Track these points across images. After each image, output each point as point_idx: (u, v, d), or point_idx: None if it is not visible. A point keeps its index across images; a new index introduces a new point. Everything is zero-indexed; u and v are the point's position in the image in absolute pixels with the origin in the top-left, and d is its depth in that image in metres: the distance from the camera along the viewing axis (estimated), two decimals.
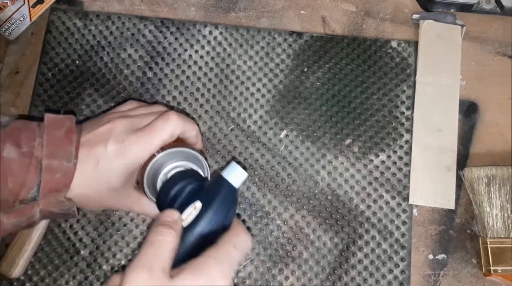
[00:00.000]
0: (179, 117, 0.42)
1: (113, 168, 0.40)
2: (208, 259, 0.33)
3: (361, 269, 0.48)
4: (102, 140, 0.40)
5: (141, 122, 0.42)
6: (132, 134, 0.40)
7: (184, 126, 0.42)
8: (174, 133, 0.41)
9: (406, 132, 0.51)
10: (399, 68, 0.53)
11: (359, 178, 0.50)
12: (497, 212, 0.47)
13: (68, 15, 0.54)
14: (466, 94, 0.53)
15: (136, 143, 0.40)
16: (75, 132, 0.40)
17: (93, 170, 0.40)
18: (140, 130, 0.41)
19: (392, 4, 0.55)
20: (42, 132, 0.40)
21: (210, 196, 0.36)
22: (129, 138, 0.40)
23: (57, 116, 0.41)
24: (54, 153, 0.39)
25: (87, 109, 0.52)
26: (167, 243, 0.34)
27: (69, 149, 0.39)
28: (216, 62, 0.53)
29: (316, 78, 0.53)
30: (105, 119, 0.42)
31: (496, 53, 0.54)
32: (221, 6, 0.55)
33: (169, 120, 0.41)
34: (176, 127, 0.42)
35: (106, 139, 0.40)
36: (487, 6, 0.53)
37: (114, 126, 0.41)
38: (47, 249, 0.48)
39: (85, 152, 0.40)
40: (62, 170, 0.39)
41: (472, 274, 0.49)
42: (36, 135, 0.39)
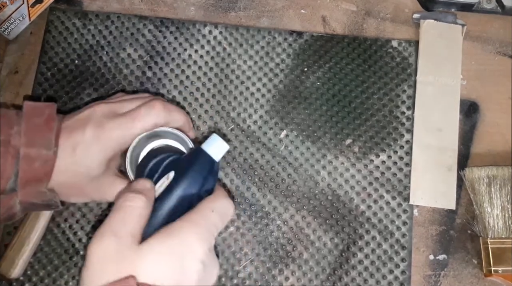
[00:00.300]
0: (164, 106, 0.40)
1: (91, 153, 0.38)
2: (183, 223, 0.32)
3: (361, 270, 0.48)
4: (81, 126, 0.39)
5: (122, 108, 0.40)
6: (112, 120, 0.39)
7: (169, 116, 0.41)
8: (157, 122, 0.40)
9: (406, 132, 0.51)
10: (399, 67, 0.53)
11: (360, 178, 0.50)
12: (498, 212, 0.47)
13: (67, 14, 0.54)
14: (467, 94, 0.53)
15: (115, 128, 0.38)
16: (55, 120, 0.39)
17: (70, 156, 0.38)
18: (120, 116, 0.39)
19: (393, 3, 0.55)
20: (21, 120, 0.38)
21: (184, 166, 0.35)
22: (109, 123, 0.39)
23: (36, 104, 0.40)
24: (32, 141, 0.37)
25: None
26: (136, 208, 0.32)
27: (48, 136, 0.38)
28: (216, 62, 0.53)
29: (316, 78, 0.53)
30: (86, 107, 0.41)
31: (496, 53, 0.54)
32: (221, 6, 0.55)
33: (153, 109, 0.40)
34: (159, 117, 0.40)
35: (85, 124, 0.39)
36: (488, 6, 0.53)
37: (93, 111, 0.40)
38: (47, 250, 0.48)
39: (64, 139, 0.38)
40: (41, 159, 0.37)
41: (472, 274, 0.48)
42: (14, 123, 0.38)
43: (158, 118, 0.40)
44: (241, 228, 0.49)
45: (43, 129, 0.38)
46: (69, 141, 0.38)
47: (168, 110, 0.40)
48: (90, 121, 0.39)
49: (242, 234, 0.49)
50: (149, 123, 0.39)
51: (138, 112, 0.39)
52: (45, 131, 0.38)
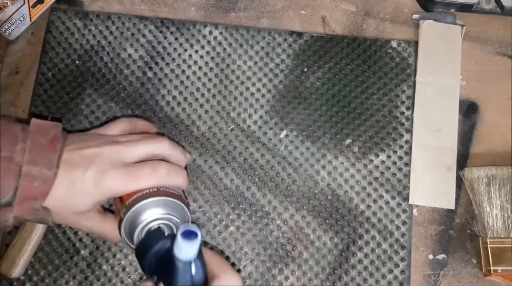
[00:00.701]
0: (169, 170, 0.41)
1: (85, 193, 0.39)
2: None
3: (361, 269, 0.48)
4: (84, 164, 0.39)
5: (128, 155, 0.41)
6: (116, 170, 0.39)
7: (171, 180, 0.41)
8: (157, 184, 0.40)
9: (406, 132, 0.51)
10: (399, 68, 0.53)
11: (359, 178, 0.50)
12: (497, 212, 0.47)
13: (68, 15, 0.54)
14: (466, 94, 0.53)
15: (116, 180, 0.39)
16: (59, 141, 0.39)
17: (66, 190, 0.38)
18: (124, 168, 0.40)
19: (392, 4, 0.55)
20: (26, 137, 0.38)
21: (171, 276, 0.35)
22: (112, 172, 0.39)
23: (43, 123, 0.40)
24: (35, 160, 0.37)
25: (87, 109, 0.52)
26: None
27: (51, 156, 0.38)
28: (216, 62, 0.53)
29: (316, 78, 0.53)
30: (93, 142, 0.41)
31: (496, 53, 0.54)
32: (221, 6, 0.55)
33: (157, 171, 0.40)
34: (160, 179, 0.40)
35: (88, 164, 0.39)
36: (487, 6, 0.53)
37: (100, 152, 0.40)
38: (47, 249, 0.48)
39: (64, 170, 0.38)
40: (41, 178, 0.37)
41: (472, 274, 0.49)
42: (19, 140, 0.38)
43: (159, 181, 0.40)
44: (241, 227, 0.49)
45: (47, 149, 0.38)
46: (68, 175, 0.38)
47: (170, 174, 0.41)
48: (94, 163, 0.39)
49: (242, 234, 0.49)
50: (150, 184, 0.40)
51: (142, 171, 0.40)
52: (49, 151, 0.38)
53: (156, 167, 0.40)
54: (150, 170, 0.40)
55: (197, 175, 0.50)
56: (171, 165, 0.42)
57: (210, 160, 0.50)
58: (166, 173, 0.40)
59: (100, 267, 0.48)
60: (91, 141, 0.41)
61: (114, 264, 0.48)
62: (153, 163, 0.41)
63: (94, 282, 0.48)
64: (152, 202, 0.39)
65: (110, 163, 0.39)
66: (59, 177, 0.38)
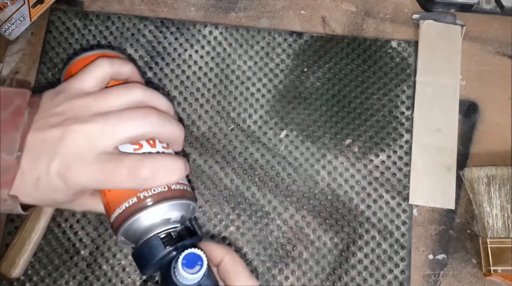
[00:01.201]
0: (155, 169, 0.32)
1: (56, 190, 0.32)
2: None
3: (361, 269, 0.48)
4: (47, 153, 0.31)
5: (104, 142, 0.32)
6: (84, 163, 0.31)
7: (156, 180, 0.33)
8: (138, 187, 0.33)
9: (406, 133, 0.51)
10: (399, 68, 0.53)
11: (359, 178, 0.50)
12: (497, 212, 0.47)
13: (68, 15, 0.54)
14: (466, 94, 0.53)
15: (85, 177, 0.32)
16: (24, 115, 0.31)
17: (34, 187, 0.32)
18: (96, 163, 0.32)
19: (392, 4, 0.56)
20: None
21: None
22: (79, 167, 0.31)
23: (6, 91, 0.33)
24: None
25: None
26: None
27: (12, 136, 0.31)
28: (216, 62, 0.53)
29: (316, 78, 0.53)
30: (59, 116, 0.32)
31: (496, 53, 0.54)
32: (221, 6, 0.55)
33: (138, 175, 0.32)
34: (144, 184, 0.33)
35: (52, 154, 0.31)
36: (487, 6, 0.53)
37: (65, 137, 0.31)
38: (47, 249, 0.48)
39: (27, 161, 0.31)
40: (1, 165, 0.31)
41: (472, 274, 0.49)
42: None
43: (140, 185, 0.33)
44: (241, 227, 0.49)
45: (8, 126, 0.31)
46: (32, 169, 0.32)
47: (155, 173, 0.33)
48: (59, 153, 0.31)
49: (242, 234, 0.49)
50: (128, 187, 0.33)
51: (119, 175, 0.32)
52: (10, 128, 0.31)
53: (137, 167, 0.32)
54: (128, 170, 0.32)
55: (197, 175, 0.50)
56: (160, 160, 0.33)
57: (210, 160, 0.50)
58: (150, 174, 0.32)
59: (100, 267, 0.48)
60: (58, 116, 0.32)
61: (114, 264, 0.48)
62: (135, 161, 0.32)
63: (94, 282, 0.48)
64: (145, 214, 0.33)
65: (77, 153, 0.31)
66: (23, 168, 0.31)
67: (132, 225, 0.33)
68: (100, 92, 0.34)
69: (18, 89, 0.33)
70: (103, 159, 0.32)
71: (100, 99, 0.34)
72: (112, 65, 0.36)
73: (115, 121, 0.32)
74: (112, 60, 0.36)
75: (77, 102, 0.33)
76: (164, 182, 0.33)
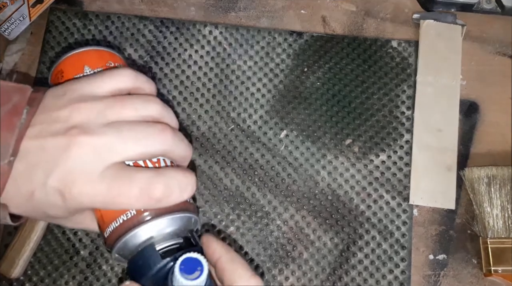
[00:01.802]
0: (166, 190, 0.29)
1: (52, 206, 0.29)
2: None
3: (361, 270, 0.48)
4: (45, 165, 0.28)
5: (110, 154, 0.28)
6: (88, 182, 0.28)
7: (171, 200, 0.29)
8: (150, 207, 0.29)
9: (406, 132, 0.51)
10: (399, 68, 0.53)
11: (360, 178, 0.50)
12: (498, 212, 0.47)
13: (68, 15, 0.54)
14: (467, 94, 0.53)
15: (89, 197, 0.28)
16: (21, 114, 0.28)
17: (26, 199, 0.28)
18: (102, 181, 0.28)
19: (392, 3, 0.55)
20: None
21: None
22: (83, 186, 0.28)
23: (4, 85, 0.29)
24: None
25: None
26: None
27: (6, 138, 0.27)
28: (216, 62, 0.53)
29: (316, 78, 0.53)
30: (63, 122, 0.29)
31: (496, 53, 0.54)
32: (221, 6, 0.55)
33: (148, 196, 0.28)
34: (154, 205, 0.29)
35: (51, 167, 0.27)
36: (487, 6, 0.53)
37: (68, 149, 0.28)
38: (47, 249, 0.48)
39: (21, 169, 0.28)
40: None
41: (472, 274, 0.48)
42: None
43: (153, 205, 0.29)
44: (241, 228, 0.49)
45: (2, 126, 0.27)
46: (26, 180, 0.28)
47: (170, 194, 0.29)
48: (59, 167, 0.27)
49: (242, 234, 0.49)
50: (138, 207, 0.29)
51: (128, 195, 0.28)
52: (4, 130, 0.27)
53: (151, 185, 0.28)
54: (139, 191, 0.28)
55: (197, 175, 0.50)
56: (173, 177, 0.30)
57: (210, 160, 0.50)
58: (161, 195, 0.29)
59: (99, 267, 0.48)
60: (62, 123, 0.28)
61: (114, 265, 0.48)
62: (147, 178, 0.29)
63: (93, 283, 0.48)
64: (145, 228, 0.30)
65: (81, 169, 0.28)
66: (15, 176, 0.28)
67: (130, 241, 0.30)
68: (116, 100, 0.30)
69: (18, 85, 0.29)
70: (109, 175, 0.28)
71: (115, 108, 0.29)
72: (136, 80, 0.32)
73: (128, 135, 0.29)
74: (138, 75, 0.32)
75: (86, 107, 0.29)
76: (177, 201, 0.30)
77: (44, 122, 0.28)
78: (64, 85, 0.31)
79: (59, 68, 0.35)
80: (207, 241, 0.31)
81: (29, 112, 0.28)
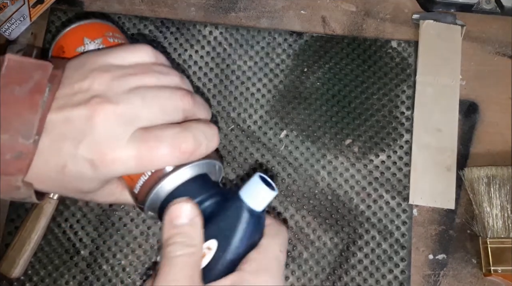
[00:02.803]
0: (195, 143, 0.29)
1: (85, 177, 0.29)
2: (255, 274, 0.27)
3: (361, 269, 0.48)
4: (73, 135, 0.28)
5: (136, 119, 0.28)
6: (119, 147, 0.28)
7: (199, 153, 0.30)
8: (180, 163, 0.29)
9: (406, 133, 0.51)
10: (399, 68, 0.53)
11: (359, 178, 0.50)
12: (497, 212, 0.47)
13: (68, 15, 0.54)
14: (466, 94, 0.53)
15: (121, 163, 0.28)
16: (44, 92, 0.27)
17: (57, 172, 0.28)
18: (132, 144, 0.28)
19: (392, 4, 0.55)
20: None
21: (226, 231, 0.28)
22: (114, 151, 0.27)
23: (23, 61, 0.28)
24: (6, 122, 0.27)
25: None
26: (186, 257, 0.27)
27: (29, 118, 0.27)
28: (216, 63, 0.53)
29: (316, 78, 0.53)
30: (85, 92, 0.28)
31: (496, 53, 0.54)
32: (221, 6, 0.55)
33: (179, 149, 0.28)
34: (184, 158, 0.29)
35: (79, 137, 0.27)
36: (487, 6, 0.53)
37: (94, 118, 0.27)
38: (47, 249, 0.48)
39: (48, 142, 0.28)
40: (15, 150, 0.27)
41: (472, 274, 0.49)
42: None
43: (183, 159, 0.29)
44: None
45: (24, 105, 0.27)
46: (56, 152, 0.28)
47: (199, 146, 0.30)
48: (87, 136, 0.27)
49: None
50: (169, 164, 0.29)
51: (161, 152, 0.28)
52: (27, 109, 0.27)
53: (180, 140, 0.29)
54: (169, 147, 0.28)
55: None
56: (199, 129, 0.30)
57: None
58: (191, 146, 0.29)
59: (100, 267, 0.48)
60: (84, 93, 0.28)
61: (114, 264, 0.48)
62: (174, 134, 0.29)
63: (94, 282, 0.48)
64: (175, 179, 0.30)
65: (111, 134, 0.28)
66: (43, 151, 0.28)
67: (161, 190, 0.30)
68: (137, 68, 0.30)
69: (38, 61, 0.29)
70: (137, 139, 0.28)
71: (137, 75, 0.30)
72: (156, 58, 0.33)
73: (153, 101, 0.29)
74: (158, 53, 0.33)
75: (108, 76, 0.29)
76: (208, 151, 0.30)
77: (66, 95, 0.28)
78: (84, 56, 0.31)
79: (59, 44, 0.35)
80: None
81: (51, 89, 0.28)
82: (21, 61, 0.28)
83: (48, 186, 0.30)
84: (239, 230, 0.27)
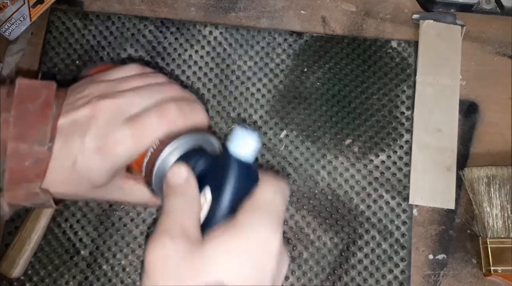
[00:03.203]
0: (180, 111, 0.33)
1: (94, 168, 0.32)
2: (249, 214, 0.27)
3: (361, 269, 0.48)
4: (79, 132, 0.32)
5: (130, 107, 0.33)
6: (117, 130, 0.32)
7: (185, 122, 0.33)
8: (170, 132, 0.33)
9: (406, 132, 0.51)
10: (399, 68, 0.53)
11: (359, 178, 0.50)
12: (497, 212, 0.47)
13: (68, 15, 0.54)
14: (466, 94, 0.53)
15: (120, 143, 0.32)
16: (52, 106, 0.32)
17: (70, 170, 0.32)
18: (127, 124, 0.32)
19: (392, 4, 0.55)
20: (10, 105, 0.31)
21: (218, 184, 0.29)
22: (114, 134, 0.32)
23: (32, 84, 0.33)
24: (23, 134, 0.31)
25: None
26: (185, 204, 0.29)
27: (43, 128, 0.31)
28: (216, 63, 0.53)
29: (316, 78, 0.53)
30: (85, 97, 0.33)
31: (496, 53, 0.54)
32: (221, 6, 0.55)
33: (166, 116, 0.33)
34: (175, 125, 0.33)
35: (84, 131, 0.32)
36: (487, 6, 0.53)
37: (95, 113, 0.32)
38: (47, 249, 0.48)
39: (60, 144, 0.32)
40: (33, 156, 0.31)
41: (472, 274, 0.49)
42: (1, 109, 0.31)
43: (173, 127, 0.33)
44: None
45: (38, 118, 0.31)
46: (67, 151, 0.32)
47: (184, 115, 0.33)
48: (91, 128, 0.32)
49: None
50: (161, 134, 0.33)
51: (150, 122, 0.32)
52: (40, 121, 0.31)
53: (163, 111, 0.33)
54: (156, 116, 0.32)
55: None
56: (182, 102, 0.34)
57: None
58: (177, 114, 0.33)
59: (100, 267, 0.48)
60: (83, 99, 0.33)
61: (114, 264, 0.48)
62: (160, 105, 0.33)
63: (94, 282, 0.48)
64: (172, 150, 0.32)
65: (110, 123, 0.32)
66: (57, 159, 0.32)
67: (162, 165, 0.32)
68: (130, 77, 0.36)
69: (44, 81, 0.34)
70: (131, 121, 0.32)
71: (128, 80, 0.35)
72: (143, 68, 0.37)
73: (144, 92, 0.34)
74: (144, 67, 0.37)
75: (103, 84, 0.35)
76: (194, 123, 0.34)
77: (70, 103, 0.33)
78: (82, 80, 0.37)
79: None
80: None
81: (58, 105, 0.33)
82: (30, 83, 0.33)
83: (63, 189, 0.33)
84: (229, 178, 0.29)
